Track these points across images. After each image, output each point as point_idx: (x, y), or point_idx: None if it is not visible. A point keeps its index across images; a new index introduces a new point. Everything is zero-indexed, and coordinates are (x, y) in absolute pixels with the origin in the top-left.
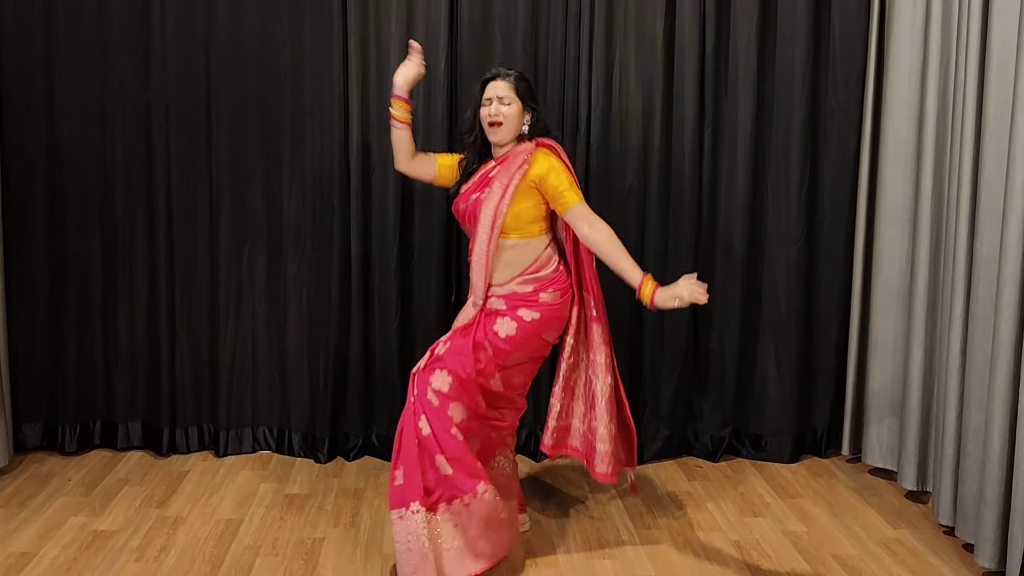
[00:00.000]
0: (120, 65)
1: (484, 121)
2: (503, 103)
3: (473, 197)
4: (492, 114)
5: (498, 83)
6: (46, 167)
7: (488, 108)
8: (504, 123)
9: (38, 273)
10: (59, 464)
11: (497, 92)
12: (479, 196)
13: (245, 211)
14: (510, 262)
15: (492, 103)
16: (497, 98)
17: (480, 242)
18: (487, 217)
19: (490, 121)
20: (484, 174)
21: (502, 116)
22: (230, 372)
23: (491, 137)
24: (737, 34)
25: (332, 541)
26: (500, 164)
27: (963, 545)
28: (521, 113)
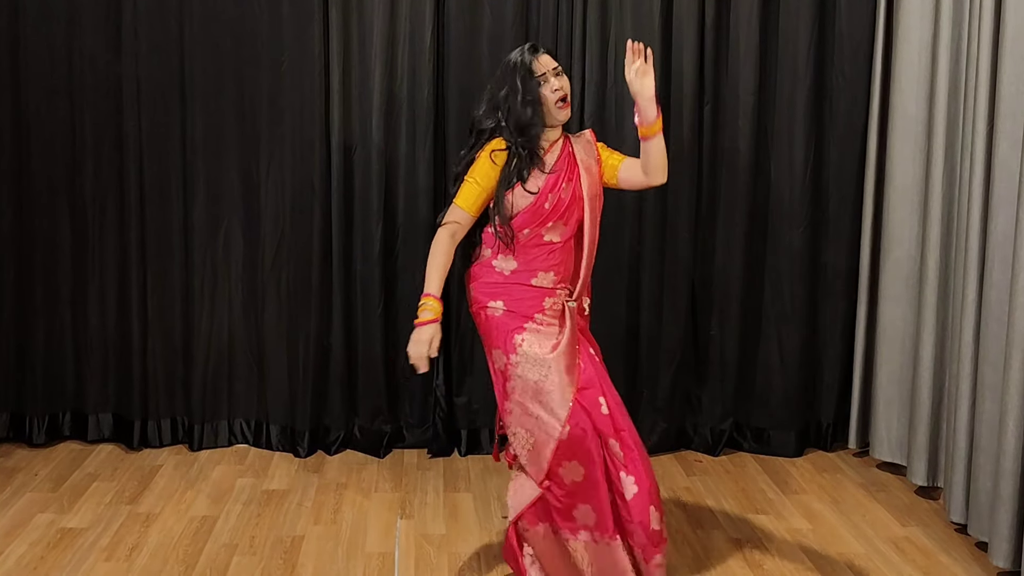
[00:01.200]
0: (89, 37)
1: (551, 101)
2: (560, 76)
3: (568, 188)
4: (558, 88)
5: (543, 57)
6: (11, 145)
7: (550, 84)
8: (568, 96)
9: (3, 256)
10: (26, 457)
11: (550, 64)
12: (573, 186)
13: (220, 192)
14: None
15: (550, 79)
16: (551, 71)
17: (592, 233)
18: (595, 199)
19: (560, 97)
20: (562, 163)
21: (566, 90)
22: (205, 362)
23: (559, 117)
24: (738, 5)
25: (312, 539)
26: (568, 145)
27: (976, 543)
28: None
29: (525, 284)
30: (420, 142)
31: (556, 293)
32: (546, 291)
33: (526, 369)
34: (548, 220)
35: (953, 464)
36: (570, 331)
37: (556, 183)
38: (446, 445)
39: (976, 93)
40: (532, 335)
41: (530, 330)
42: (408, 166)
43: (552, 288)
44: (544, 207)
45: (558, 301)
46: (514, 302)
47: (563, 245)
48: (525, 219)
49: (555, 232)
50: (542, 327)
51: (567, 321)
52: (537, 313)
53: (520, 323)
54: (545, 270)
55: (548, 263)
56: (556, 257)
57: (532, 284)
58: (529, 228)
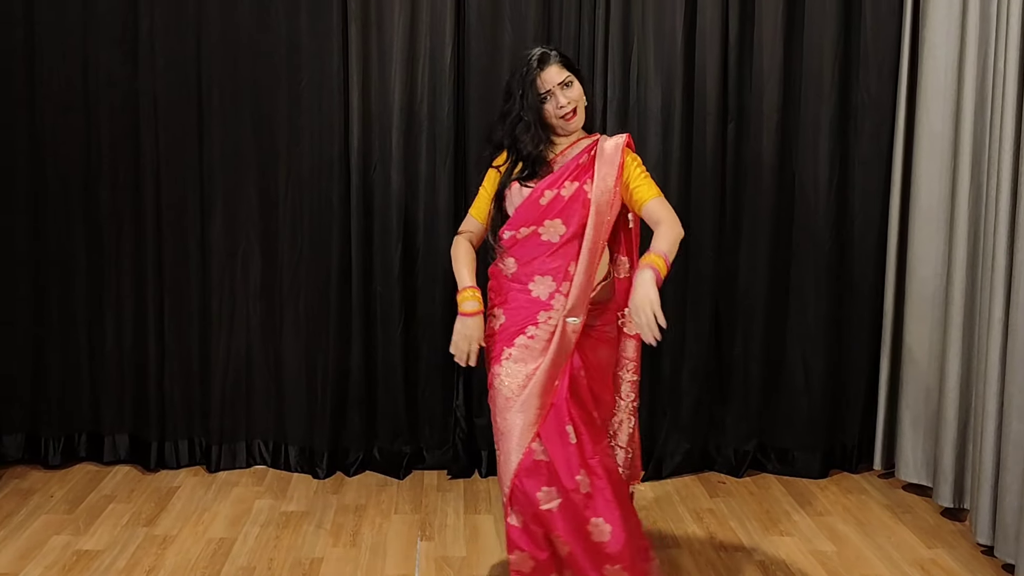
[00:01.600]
0: (106, 52)
1: (555, 117)
2: (568, 88)
3: (571, 186)
4: (564, 104)
5: (550, 69)
6: (27, 162)
7: (555, 100)
8: (578, 109)
9: (19, 275)
10: (42, 479)
11: (555, 79)
12: (579, 186)
13: (239, 211)
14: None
15: (555, 94)
16: (558, 86)
17: (593, 240)
18: (604, 205)
19: (565, 114)
20: (572, 164)
21: (574, 102)
22: (223, 382)
23: (567, 128)
24: (762, 22)
25: (331, 561)
26: (587, 152)
27: (1003, 565)
28: (581, 90)
29: (524, 291)
30: (440, 160)
31: (552, 306)
32: (542, 304)
33: (498, 390)
34: (544, 217)
35: (979, 485)
36: (550, 360)
37: (558, 179)
38: (466, 466)
39: (1003, 111)
40: (519, 351)
41: (519, 345)
42: (428, 185)
43: (548, 300)
44: (539, 202)
45: (554, 317)
46: (511, 311)
47: (561, 247)
48: (520, 213)
49: (552, 231)
50: (531, 343)
51: (552, 344)
52: (530, 326)
53: (515, 334)
54: (542, 274)
55: (546, 266)
56: (555, 260)
57: (530, 291)
58: (526, 226)
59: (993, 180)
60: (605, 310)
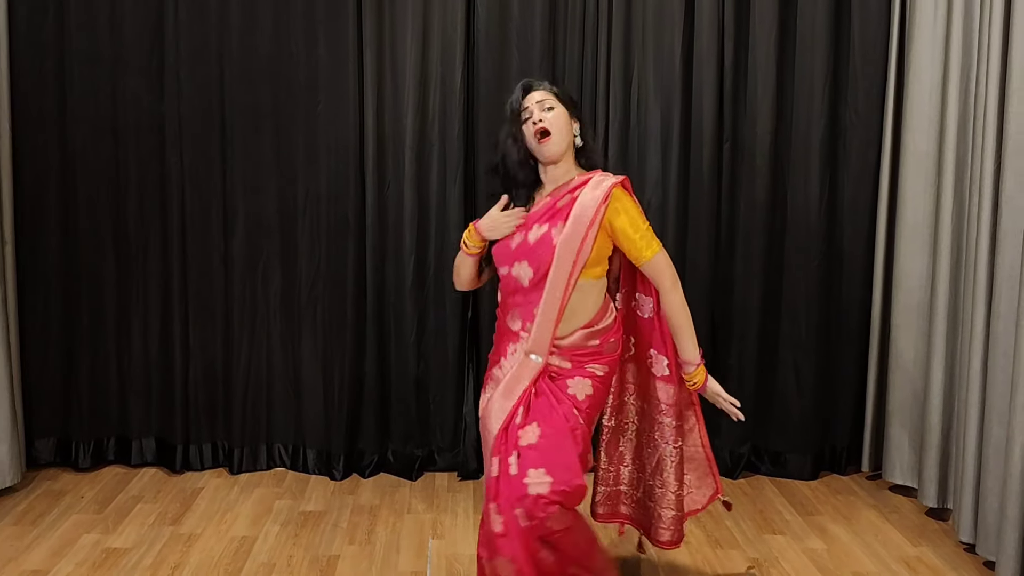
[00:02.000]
0: (133, 78)
1: (529, 138)
2: (545, 108)
3: (539, 230)
4: (537, 121)
5: (534, 93)
6: (59, 182)
7: (530, 122)
8: (553, 131)
9: (51, 288)
10: (72, 480)
11: (535, 99)
12: (547, 230)
13: (259, 226)
14: (575, 310)
15: (532, 112)
16: (536, 104)
17: (554, 286)
18: (567, 254)
19: (537, 130)
20: (550, 205)
21: (548, 122)
22: (244, 388)
23: (542, 152)
24: (756, 48)
25: (347, 558)
26: (569, 193)
27: (984, 563)
28: (569, 120)
29: (504, 321)
30: (451, 179)
31: (519, 338)
32: (512, 335)
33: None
34: (513, 259)
35: (962, 486)
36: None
37: (530, 222)
38: (475, 469)
39: (984, 131)
40: (492, 381)
41: (494, 375)
42: (439, 202)
43: (517, 332)
44: (510, 245)
45: (518, 349)
46: (496, 340)
47: (530, 290)
48: (496, 254)
49: (522, 274)
50: (500, 373)
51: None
52: (502, 357)
53: (493, 364)
54: (513, 308)
55: (517, 304)
56: (524, 300)
57: (507, 322)
58: (501, 265)
59: (975, 197)
60: (589, 356)
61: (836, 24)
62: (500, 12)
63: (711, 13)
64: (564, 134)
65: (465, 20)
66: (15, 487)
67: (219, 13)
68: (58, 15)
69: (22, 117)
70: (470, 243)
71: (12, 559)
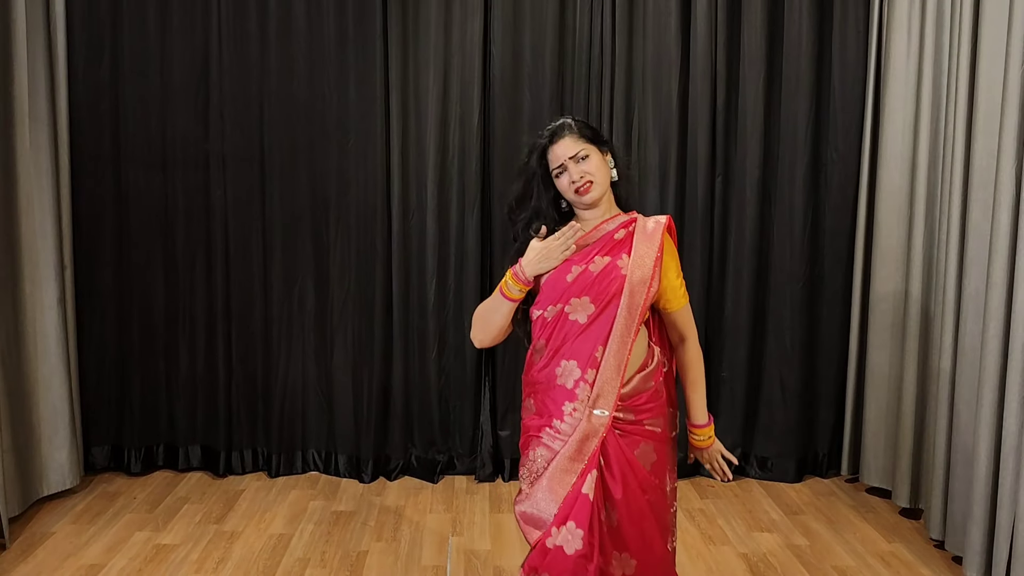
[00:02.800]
0: (181, 118)
1: (568, 193)
2: (580, 160)
3: (602, 261)
4: (576, 180)
5: (563, 143)
6: (113, 212)
7: (566, 177)
8: (594, 180)
9: (107, 310)
10: (125, 484)
11: (567, 153)
12: (611, 261)
13: (295, 252)
14: (635, 351)
15: (567, 169)
16: (570, 159)
17: (626, 321)
18: (640, 284)
19: (578, 188)
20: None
21: (589, 175)
22: (282, 399)
23: (583, 202)
24: (746, 91)
25: (375, 554)
26: (624, 227)
27: (952, 558)
28: (604, 160)
29: (551, 378)
30: (469, 210)
31: (576, 396)
32: (567, 393)
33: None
34: (570, 294)
35: (932, 489)
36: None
37: (587, 254)
38: (491, 472)
39: (952, 167)
40: (545, 449)
41: (545, 439)
42: (458, 231)
43: (572, 389)
44: (565, 278)
45: (579, 408)
46: (540, 402)
47: (589, 328)
48: (546, 290)
49: (580, 310)
50: (558, 435)
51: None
52: (556, 419)
53: (541, 427)
54: (568, 357)
55: (571, 350)
56: (582, 343)
57: (557, 379)
58: (552, 304)
59: (944, 226)
60: (649, 403)
61: (818, 70)
62: (513, 59)
63: (705, 60)
64: (604, 178)
65: (482, 66)
66: (74, 489)
67: (259, 59)
68: (113, 60)
69: (80, 153)
70: (514, 287)
71: (71, 555)
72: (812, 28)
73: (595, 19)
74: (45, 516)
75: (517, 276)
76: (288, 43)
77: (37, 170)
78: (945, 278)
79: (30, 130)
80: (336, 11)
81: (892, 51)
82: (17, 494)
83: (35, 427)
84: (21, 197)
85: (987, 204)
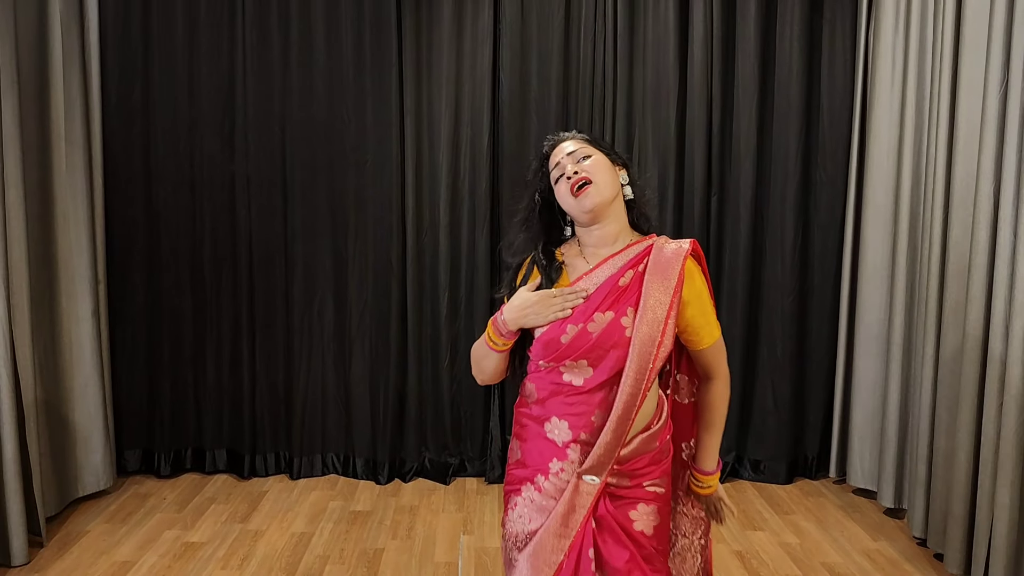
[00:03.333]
0: (208, 141)
1: (565, 196)
2: (579, 158)
3: (603, 319)
4: (572, 175)
5: (564, 144)
6: (144, 229)
7: (566, 170)
8: (595, 177)
9: (138, 322)
10: (156, 485)
11: (565, 151)
12: (614, 319)
13: (316, 267)
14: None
15: (565, 166)
16: (567, 155)
17: (631, 390)
18: (646, 349)
19: (575, 183)
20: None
21: (586, 171)
22: (303, 406)
23: (583, 205)
24: (740, 115)
25: (391, 551)
26: (631, 268)
27: (934, 555)
28: (612, 167)
29: (539, 428)
30: (479, 227)
31: (566, 455)
32: (555, 449)
33: (504, 540)
34: (565, 356)
35: (915, 490)
36: (556, 520)
37: (587, 309)
38: (500, 474)
39: (934, 187)
40: (526, 506)
41: (525, 496)
42: (469, 247)
43: (563, 448)
44: (560, 340)
45: (567, 469)
46: (526, 450)
47: (589, 393)
48: (538, 348)
49: (577, 373)
50: (539, 497)
51: (556, 512)
52: (540, 475)
53: (523, 480)
54: (560, 416)
55: (564, 410)
56: (577, 407)
57: (545, 431)
58: (544, 360)
59: (926, 243)
60: (649, 466)
61: (807, 97)
62: (521, 85)
63: (701, 86)
64: (608, 183)
65: (491, 92)
66: (108, 491)
67: (281, 85)
68: (144, 87)
69: (114, 174)
70: (496, 340)
71: (105, 552)
72: (802, 57)
73: (598, 48)
74: (80, 516)
75: (498, 330)
76: (308, 70)
77: (72, 190)
78: (927, 291)
79: (66, 152)
80: (354, 40)
81: (877, 79)
82: (54, 495)
83: (71, 432)
84: (58, 215)
85: (967, 222)
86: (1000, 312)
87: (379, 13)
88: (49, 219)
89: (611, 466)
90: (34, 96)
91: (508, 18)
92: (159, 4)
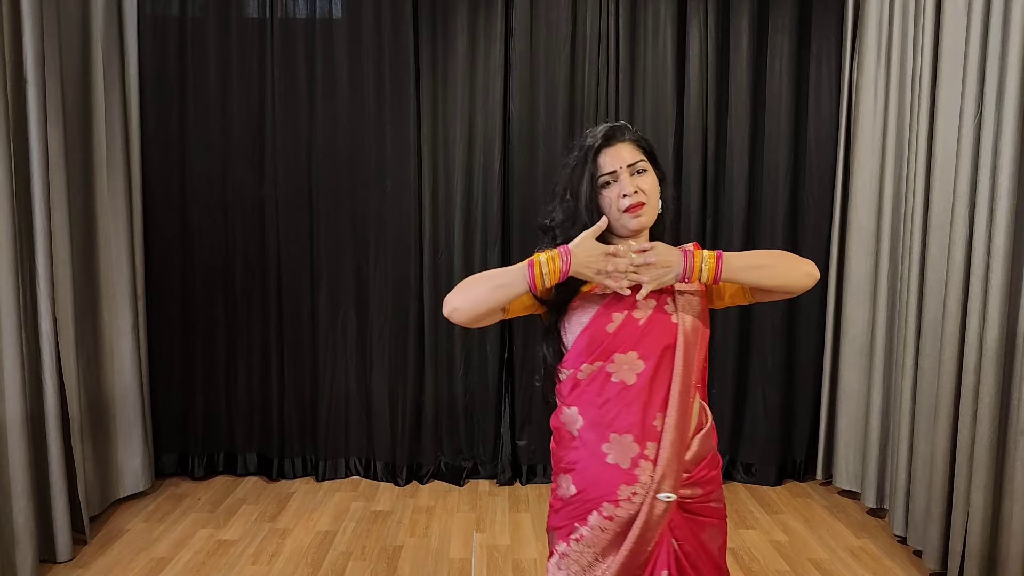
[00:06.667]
0: (239, 167)
1: (611, 206)
2: (638, 173)
3: (647, 307)
4: (632, 192)
5: (621, 147)
6: (180, 250)
7: (616, 188)
8: (648, 202)
9: (174, 334)
10: (190, 487)
11: (624, 159)
12: (657, 306)
13: (339, 284)
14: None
15: (621, 176)
16: (627, 167)
17: (680, 384)
18: (692, 337)
19: (631, 204)
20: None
21: (644, 191)
22: (327, 413)
23: (626, 226)
24: (733, 142)
25: (409, 548)
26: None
27: (913, 551)
28: (656, 182)
29: (596, 454)
30: (491, 248)
31: (637, 478)
32: (623, 474)
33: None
34: (613, 349)
35: (896, 491)
36: (628, 551)
37: (628, 299)
38: (511, 477)
39: (913, 210)
40: (592, 533)
41: (592, 527)
42: (481, 267)
43: (630, 469)
44: (606, 329)
45: (639, 492)
46: (582, 480)
47: (641, 391)
48: (581, 347)
49: (627, 370)
50: (608, 525)
51: (633, 530)
52: (607, 503)
53: (586, 511)
54: (620, 431)
55: (623, 419)
56: (634, 411)
57: (605, 455)
58: (588, 362)
59: (906, 262)
60: (711, 472)
61: (796, 126)
62: (530, 115)
63: (697, 116)
64: (655, 205)
65: (502, 121)
66: (146, 492)
67: (308, 114)
68: (181, 113)
69: (151, 197)
70: (549, 273)
71: (143, 549)
72: (791, 89)
73: (601, 80)
74: (121, 515)
75: (563, 258)
76: (333, 102)
77: (114, 212)
78: (907, 307)
79: (108, 178)
80: (375, 75)
81: (860, 109)
82: (97, 496)
83: (112, 437)
84: (100, 236)
85: (944, 242)
86: (975, 326)
87: (398, 49)
88: (92, 239)
89: (680, 474)
90: (78, 126)
91: (518, 53)
92: (194, 41)
